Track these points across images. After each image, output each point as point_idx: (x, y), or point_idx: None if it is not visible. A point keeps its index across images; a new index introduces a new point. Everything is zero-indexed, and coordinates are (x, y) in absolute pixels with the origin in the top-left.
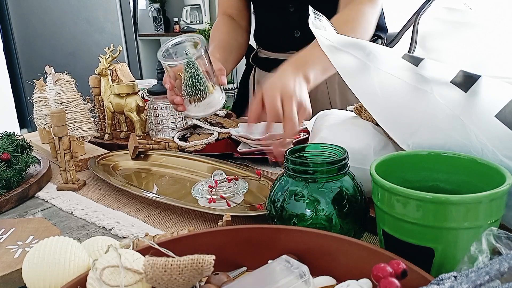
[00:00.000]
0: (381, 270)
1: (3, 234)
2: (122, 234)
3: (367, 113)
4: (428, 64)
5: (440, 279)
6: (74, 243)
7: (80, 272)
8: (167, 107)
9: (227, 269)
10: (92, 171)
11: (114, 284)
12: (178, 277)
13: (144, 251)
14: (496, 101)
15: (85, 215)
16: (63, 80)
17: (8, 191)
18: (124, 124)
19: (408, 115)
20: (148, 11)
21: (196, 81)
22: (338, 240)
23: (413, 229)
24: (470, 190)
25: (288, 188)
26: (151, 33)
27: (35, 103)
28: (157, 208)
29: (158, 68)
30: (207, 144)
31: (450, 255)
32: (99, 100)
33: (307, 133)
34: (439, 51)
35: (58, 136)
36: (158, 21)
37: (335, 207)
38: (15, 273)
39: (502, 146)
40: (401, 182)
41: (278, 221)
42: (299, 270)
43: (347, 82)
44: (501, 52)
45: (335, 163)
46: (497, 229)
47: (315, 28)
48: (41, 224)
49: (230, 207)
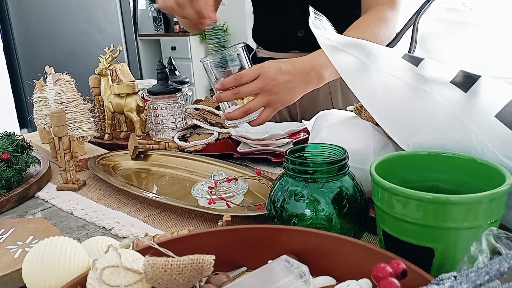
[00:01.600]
0: (381, 270)
1: (3, 234)
2: (122, 234)
3: (367, 113)
4: (428, 64)
5: (440, 279)
6: (74, 243)
7: (80, 272)
8: (167, 107)
9: (227, 269)
10: (92, 171)
11: (114, 284)
12: (178, 277)
13: (144, 251)
14: (496, 101)
15: (85, 215)
16: (63, 80)
17: (8, 191)
18: (124, 124)
19: (408, 115)
20: (148, 11)
21: None
22: (338, 240)
23: (413, 229)
24: (470, 190)
25: (288, 188)
26: (151, 33)
27: (35, 103)
28: (157, 208)
29: (158, 68)
30: (207, 144)
31: (450, 255)
32: (99, 100)
33: (307, 133)
34: (439, 51)
35: (58, 136)
36: (158, 21)
37: (335, 207)
38: (15, 273)
39: (502, 146)
40: (401, 182)
41: (278, 221)
42: (299, 270)
43: (347, 82)
44: (501, 52)
45: (335, 163)
46: (497, 229)
47: (315, 28)
48: (41, 224)
49: (230, 207)
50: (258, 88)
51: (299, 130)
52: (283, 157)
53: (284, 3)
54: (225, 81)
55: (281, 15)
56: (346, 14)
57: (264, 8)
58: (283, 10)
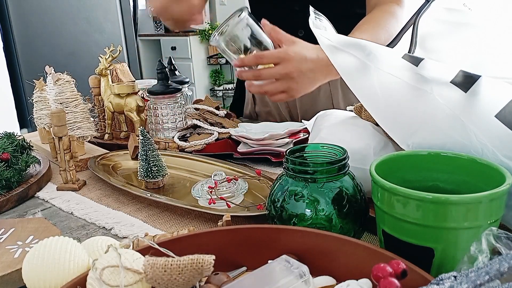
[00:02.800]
0: (381, 270)
1: (3, 234)
2: (122, 234)
3: (367, 113)
4: (428, 64)
5: (440, 279)
6: (74, 243)
7: (80, 272)
8: (167, 107)
9: (227, 269)
10: (92, 171)
11: (114, 284)
12: (178, 277)
13: (144, 251)
14: (496, 101)
15: (85, 215)
16: (63, 80)
17: (8, 191)
18: (124, 124)
19: (408, 115)
20: (148, 11)
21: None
22: (338, 240)
23: (413, 229)
24: (470, 190)
25: (288, 188)
26: (151, 33)
27: (35, 103)
28: (157, 208)
29: (158, 68)
30: (207, 144)
31: (450, 255)
32: (99, 100)
33: (307, 133)
34: (439, 51)
35: (58, 136)
36: (158, 21)
37: (335, 207)
38: (15, 273)
39: (502, 146)
40: (401, 182)
41: (278, 221)
42: (299, 270)
43: (347, 82)
44: (501, 52)
45: (335, 163)
46: (497, 229)
47: (315, 27)
48: (41, 224)
49: (230, 207)
50: (281, 74)
51: (299, 130)
52: (283, 157)
53: (284, 2)
54: (246, 60)
55: (281, 14)
56: (347, 13)
57: (263, 7)
58: (283, 9)
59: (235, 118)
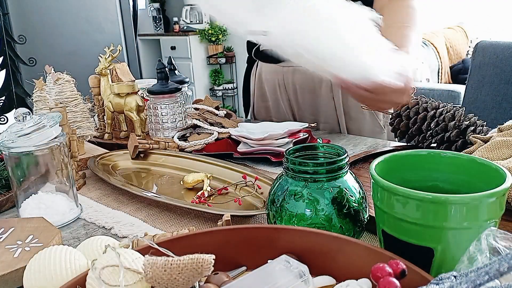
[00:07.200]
0: (380, 270)
1: (2, 233)
2: (121, 234)
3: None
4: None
5: (439, 279)
6: (69, 249)
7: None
8: (167, 106)
9: (227, 269)
10: (92, 170)
11: (114, 284)
12: (178, 276)
13: (144, 250)
14: None
15: (85, 215)
16: (62, 79)
17: (8, 190)
18: (124, 124)
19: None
20: (148, 10)
21: None
22: (338, 240)
23: (413, 229)
24: (470, 190)
25: (288, 188)
26: (150, 33)
27: (35, 102)
28: (157, 207)
29: (158, 68)
30: (206, 144)
31: (449, 255)
32: (99, 100)
33: (307, 133)
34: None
35: None
36: (157, 21)
37: (334, 207)
38: (14, 273)
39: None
40: (401, 182)
41: (278, 221)
42: (298, 270)
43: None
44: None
45: (335, 163)
46: (497, 229)
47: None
48: (41, 223)
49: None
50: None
51: (299, 130)
52: (283, 157)
53: None
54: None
55: None
56: None
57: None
58: None
59: (235, 118)
